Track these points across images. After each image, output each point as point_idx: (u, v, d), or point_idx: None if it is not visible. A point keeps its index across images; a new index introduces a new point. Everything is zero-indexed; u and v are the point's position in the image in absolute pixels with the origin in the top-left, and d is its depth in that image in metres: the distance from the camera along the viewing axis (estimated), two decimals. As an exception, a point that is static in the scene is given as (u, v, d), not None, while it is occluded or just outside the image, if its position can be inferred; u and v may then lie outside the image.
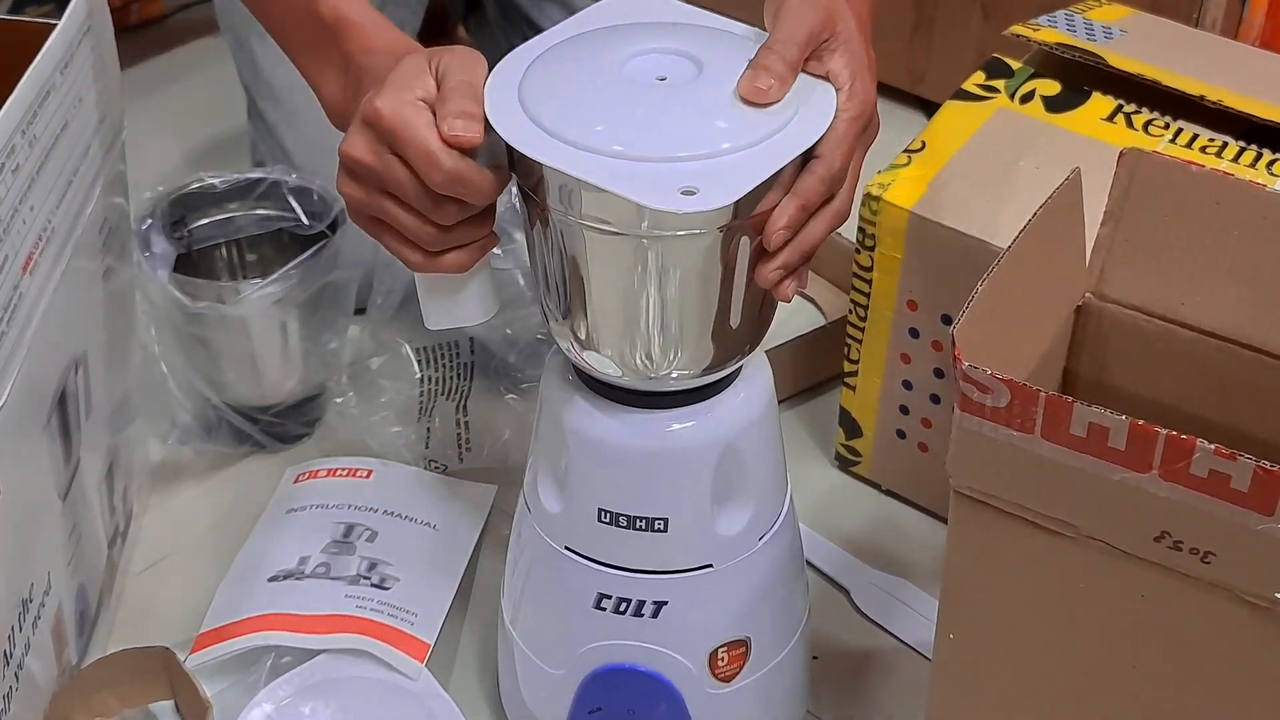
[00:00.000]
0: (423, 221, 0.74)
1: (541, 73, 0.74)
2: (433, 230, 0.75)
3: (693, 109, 0.71)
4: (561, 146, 0.70)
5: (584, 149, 0.69)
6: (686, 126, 0.71)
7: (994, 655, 0.75)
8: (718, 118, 0.71)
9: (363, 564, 1.01)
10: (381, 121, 0.72)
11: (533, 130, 0.71)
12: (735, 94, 0.72)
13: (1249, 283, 0.78)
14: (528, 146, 0.70)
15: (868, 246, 1.03)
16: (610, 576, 0.82)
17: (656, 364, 0.76)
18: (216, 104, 1.57)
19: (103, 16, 0.89)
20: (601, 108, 0.71)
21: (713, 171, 0.68)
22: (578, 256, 0.74)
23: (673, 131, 0.70)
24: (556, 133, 0.70)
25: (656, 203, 0.67)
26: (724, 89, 0.72)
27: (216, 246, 1.16)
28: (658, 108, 0.72)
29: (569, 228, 0.72)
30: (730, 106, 0.71)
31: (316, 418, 1.18)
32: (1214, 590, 0.65)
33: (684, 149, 0.69)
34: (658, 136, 0.70)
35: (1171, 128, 1.01)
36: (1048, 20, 1.10)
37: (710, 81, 0.73)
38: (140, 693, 0.93)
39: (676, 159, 0.69)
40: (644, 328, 0.74)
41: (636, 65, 0.74)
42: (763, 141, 0.70)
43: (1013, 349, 0.74)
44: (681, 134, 0.70)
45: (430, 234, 0.75)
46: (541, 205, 0.73)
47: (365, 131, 0.73)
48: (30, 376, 0.79)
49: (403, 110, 0.72)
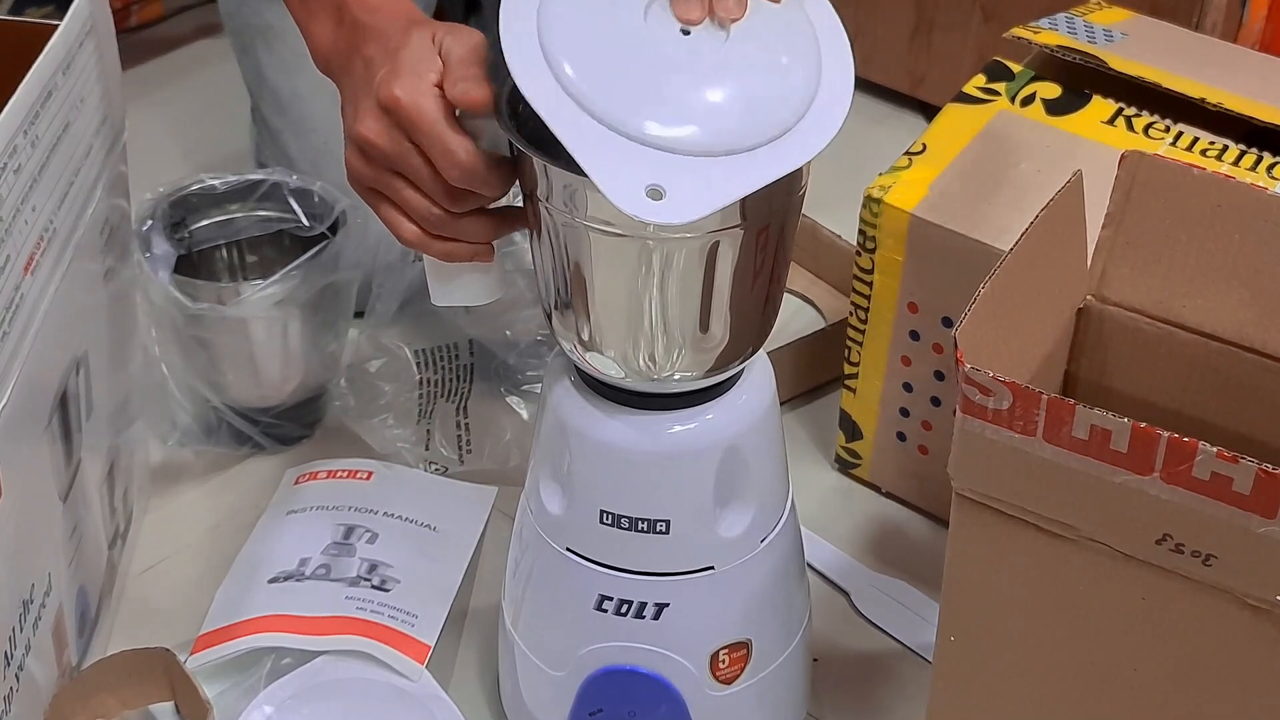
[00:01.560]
0: (431, 204, 0.76)
1: (559, 8, 0.70)
2: (439, 213, 0.76)
3: (710, 79, 0.68)
4: (568, 111, 0.66)
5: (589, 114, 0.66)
6: (692, 106, 0.67)
7: (995, 658, 0.75)
8: (734, 94, 0.68)
9: (363, 565, 1.01)
10: (400, 110, 0.73)
11: (555, 92, 0.68)
12: (760, 54, 0.68)
13: (1250, 285, 0.78)
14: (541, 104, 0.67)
15: (868, 249, 1.03)
16: (611, 578, 0.82)
17: (659, 365, 0.76)
18: (217, 105, 1.57)
19: (104, 17, 0.89)
20: (620, 68, 0.68)
21: (697, 171, 0.66)
22: (580, 257, 0.74)
23: (680, 109, 0.67)
24: (574, 93, 0.67)
25: (621, 202, 0.65)
26: (750, 48, 0.68)
27: (217, 248, 1.16)
28: (676, 69, 0.68)
29: (572, 228, 0.72)
30: (751, 72, 0.68)
31: (316, 419, 1.18)
32: (1215, 593, 0.65)
33: (679, 132, 0.66)
34: (664, 111, 0.66)
35: (1172, 131, 1.01)
36: (1048, 23, 1.10)
37: (738, 39, 0.69)
38: (140, 694, 0.93)
39: (665, 145, 0.66)
40: (647, 329, 0.74)
41: (660, 12, 0.69)
42: (769, 144, 0.68)
43: (1014, 351, 0.75)
44: (684, 113, 0.67)
45: (436, 215, 0.76)
46: (544, 205, 0.73)
47: (381, 117, 0.74)
48: (31, 377, 0.79)
49: (421, 101, 0.73)
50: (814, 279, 1.34)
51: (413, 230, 0.77)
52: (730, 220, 0.71)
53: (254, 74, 1.29)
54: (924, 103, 1.61)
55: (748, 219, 0.71)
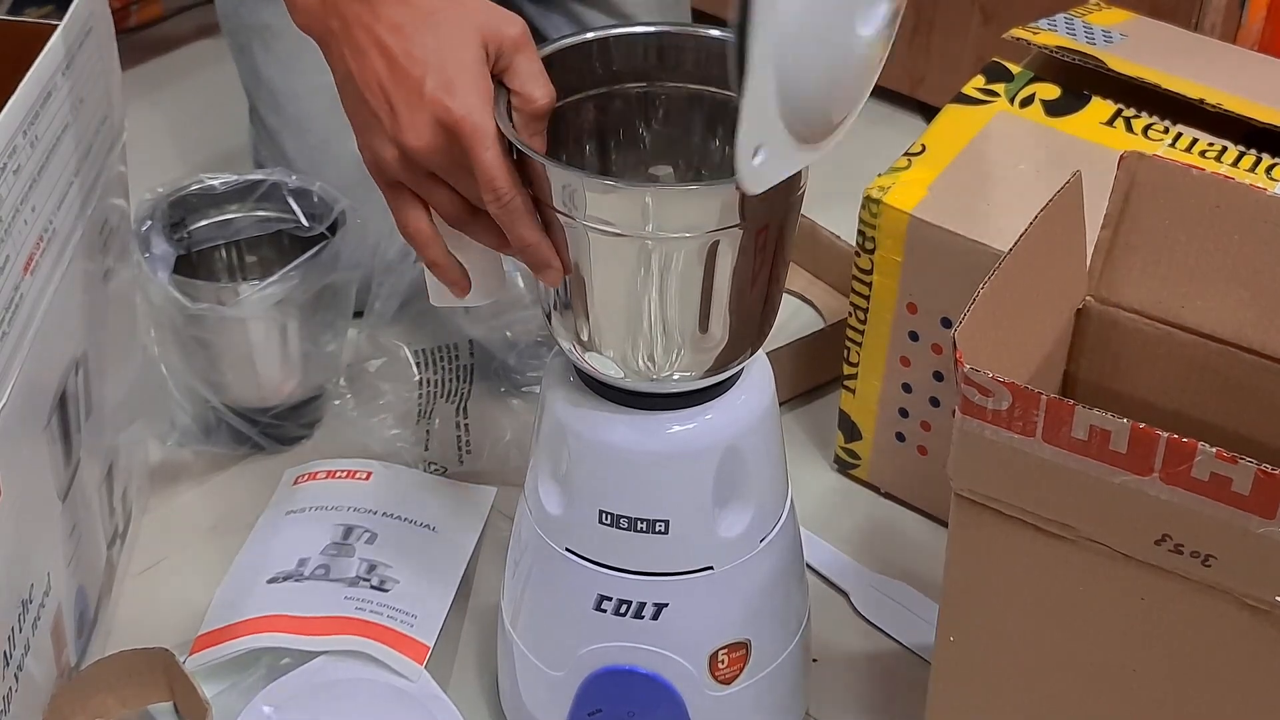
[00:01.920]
0: (461, 205, 0.76)
1: None
2: (462, 206, 0.76)
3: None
4: None
5: None
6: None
7: (994, 658, 0.75)
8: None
9: (362, 566, 1.01)
10: (460, 132, 0.72)
11: None
12: None
13: (1249, 286, 0.78)
14: None
15: (867, 249, 1.03)
16: (611, 578, 0.82)
17: (659, 365, 0.76)
18: (216, 105, 1.57)
19: (103, 18, 0.89)
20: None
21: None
22: (580, 258, 0.74)
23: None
24: None
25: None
26: None
27: (216, 248, 1.16)
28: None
29: (572, 229, 0.73)
30: None
31: (316, 419, 1.18)
32: (1214, 593, 0.65)
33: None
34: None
35: (1171, 132, 1.01)
36: (1047, 24, 1.10)
37: None
38: (139, 694, 0.93)
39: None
40: (646, 329, 0.74)
41: None
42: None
43: (1014, 352, 0.75)
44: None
45: (459, 210, 0.76)
46: (545, 206, 0.73)
47: (437, 130, 0.73)
48: (30, 377, 0.79)
49: (484, 125, 0.72)
50: (813, 279, 1.34)
51: (426, 227, 0.77)
52: (729, 220, 0.71)
53: (251, 73, 1.29)
54: (923, 103, 1.62)
55: (746, 219, 0.71)
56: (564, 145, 0.80)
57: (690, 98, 0.80)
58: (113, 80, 0.91)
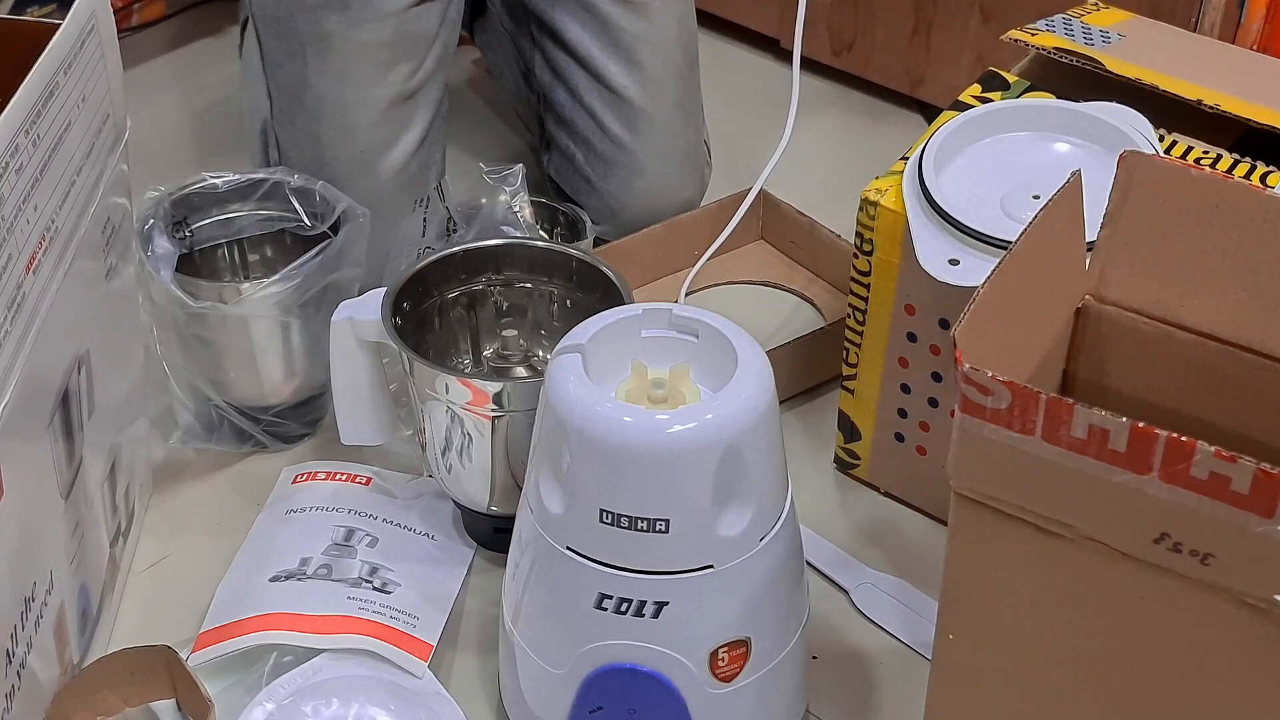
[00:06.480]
0: None
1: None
2: None
3: None
4: None
5: None
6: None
7: (993, 656, 0.75)
8: None
9: (364, 567, 1.01)
10: None
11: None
12: None
13: (1248, 285, 0.78)
14: None
15: (865, 251, 1.03)
16: (611, 577, 0.82)
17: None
18: (218, 104, 1.57)
19: (105, 17, 0.89)
20: None
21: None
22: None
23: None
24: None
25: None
26: None
27: (218, 247, 1.17)
28: None
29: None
30: None
31: (318, 417, 1.18)
32: (1213, 592, 0.65)
33: None
34: None
35: (1166, 140, 1.01)
36: (1046, 24, 1.10)
37: None
38: (142, 692, 0.94)
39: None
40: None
41: None
42: None
43: (1013, 351, 0.75)
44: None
45: None
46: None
47: None
48: (33, 376, 0.79)
49: None
50: (813, 278, 1.34)
51: None
52: None
53: (296, 79, 1.27)
54: (923, 103, 1.62)
55: None
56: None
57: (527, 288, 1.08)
58: (115, 79, 0.92)
